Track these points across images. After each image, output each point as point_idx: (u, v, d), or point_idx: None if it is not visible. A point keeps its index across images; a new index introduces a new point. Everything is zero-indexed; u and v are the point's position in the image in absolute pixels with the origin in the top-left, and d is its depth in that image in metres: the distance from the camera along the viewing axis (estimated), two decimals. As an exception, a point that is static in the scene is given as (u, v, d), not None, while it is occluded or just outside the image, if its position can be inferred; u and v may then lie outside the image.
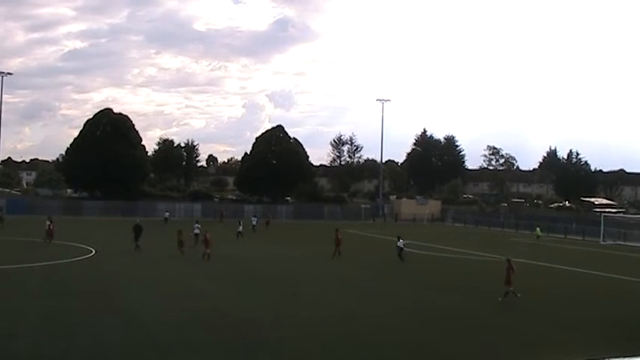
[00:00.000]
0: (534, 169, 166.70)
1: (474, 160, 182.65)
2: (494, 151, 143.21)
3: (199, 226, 52.86)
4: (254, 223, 70.43)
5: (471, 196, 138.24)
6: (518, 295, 28.18)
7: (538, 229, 72.41)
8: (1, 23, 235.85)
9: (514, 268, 28.79)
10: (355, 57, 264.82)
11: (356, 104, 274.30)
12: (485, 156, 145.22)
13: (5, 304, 24.61)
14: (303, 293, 30.29)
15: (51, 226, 49.96)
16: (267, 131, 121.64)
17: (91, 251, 43.84)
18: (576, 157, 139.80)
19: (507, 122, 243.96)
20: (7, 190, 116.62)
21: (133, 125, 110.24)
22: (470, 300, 29.76)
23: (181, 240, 44.16)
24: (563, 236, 75.16)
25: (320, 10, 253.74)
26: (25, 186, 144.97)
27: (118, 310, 24.27)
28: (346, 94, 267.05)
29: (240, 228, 58.95)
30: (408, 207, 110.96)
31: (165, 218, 79.54)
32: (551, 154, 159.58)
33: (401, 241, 44.81)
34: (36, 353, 18.06)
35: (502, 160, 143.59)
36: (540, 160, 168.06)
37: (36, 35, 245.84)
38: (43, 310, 23.95)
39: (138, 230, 46.89)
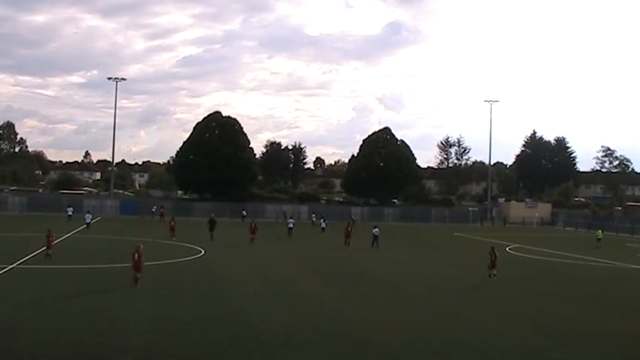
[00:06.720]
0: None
1: (586, 162, 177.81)
2: (608, 153, 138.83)
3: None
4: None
5: (582, 199, 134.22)
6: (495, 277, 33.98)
7: (600, 230, 66.37)
8: (122, 32, 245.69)
9: (496, 254, 35.28)
10: (464, 58, 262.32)
11: (464, 106, 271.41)
12: (598, 158, 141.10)
13: (119, 301, 25.43)
14: (407, 295, 30.03)
15: (172, 223, 54.64)
16: (374, 133, 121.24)
17: (201, 251, 44.85)
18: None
19: (621, 123, 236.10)
20: (121, 192, 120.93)
21: (242, 128, 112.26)
22: (580, 306, 28.72)
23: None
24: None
25: (432, 12, 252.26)
26: (137, 187, 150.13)
27: (227, 310, 24.69)
28: (455, 95, 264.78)
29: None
30: (516, 210, 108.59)
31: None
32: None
33: (376, 229, 53.30)
34: (149, 349, 18.53)
35: (616, 162, 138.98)
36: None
37: (154, 43, 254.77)
38: (154, 307, 24.67)
39: (212, 224, 54.38)
